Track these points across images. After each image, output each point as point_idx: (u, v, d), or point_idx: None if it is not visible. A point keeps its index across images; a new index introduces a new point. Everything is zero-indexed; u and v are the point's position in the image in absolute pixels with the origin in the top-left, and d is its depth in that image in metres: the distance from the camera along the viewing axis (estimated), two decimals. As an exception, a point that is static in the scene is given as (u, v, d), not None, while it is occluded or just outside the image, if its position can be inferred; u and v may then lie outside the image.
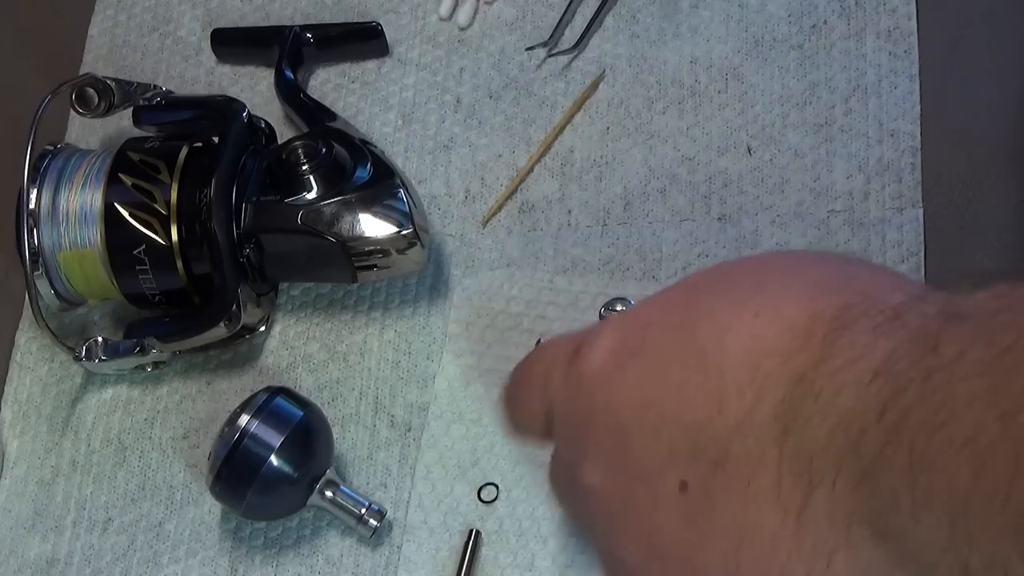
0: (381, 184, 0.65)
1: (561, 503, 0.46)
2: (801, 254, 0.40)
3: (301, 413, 0.61)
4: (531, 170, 0.72)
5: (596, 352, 0.41)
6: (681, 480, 0.36)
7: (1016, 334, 0.29)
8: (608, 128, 0.72)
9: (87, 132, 0.77)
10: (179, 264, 0.65)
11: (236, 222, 0.65)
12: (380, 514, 0.62)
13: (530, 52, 0.76)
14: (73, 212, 0.66)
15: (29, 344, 0.72)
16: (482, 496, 0.63)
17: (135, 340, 0.67)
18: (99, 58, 0.81)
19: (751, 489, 0.35)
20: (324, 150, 0.65)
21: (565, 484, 0.44)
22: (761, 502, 0.34)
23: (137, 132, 0.71)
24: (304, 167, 0.65)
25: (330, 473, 0.62)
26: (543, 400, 0.45)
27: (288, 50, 0.76)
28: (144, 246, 0.65)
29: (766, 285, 0.37)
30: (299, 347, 0.69)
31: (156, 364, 0.69)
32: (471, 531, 0.61)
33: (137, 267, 0.65)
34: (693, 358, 0.37)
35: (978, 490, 0.29)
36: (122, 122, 0.73)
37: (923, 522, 0.30)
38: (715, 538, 0.36)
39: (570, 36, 0.75)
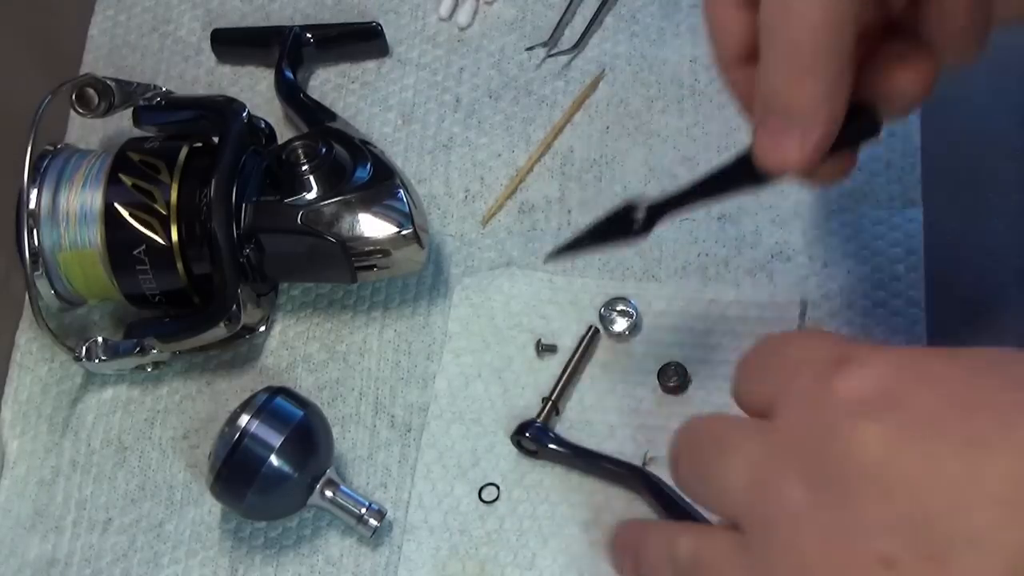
0: (381, 184, 0.65)
1: (699, 469, 0.44)
2: None
3: (301, 413, 0.61)
4: (531, 170, 0.72)
5: (863, 381, 0.39)
6: (888, 554, 0.36)
7: None
8: (608, 127, 0.72)
9: (87, 132, 0.77)
10: (179, 264, 0.65)
11: (236, 222, 0.65)
12: (380, 514, 0.62)
13: (530, 52, 0.76)
14: (73, 212, 0.66)
15: (29, 344, 0.72)
16: (483, 496, 0.63)
17: (135, 340, 0.67)
18: (99, 58, 0.81)
19: None
20: (324, 150, 0.65)
21: (738, 471, 0.42)
22: None
23: (137, 132, 0.71)
24: (304, 167, 0.65)
25: (330, 473, 0.62)
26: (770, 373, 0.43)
27: (288, 50, 0.76)
28: (144, 246, 0.65)
29: None
30: (299, 347, 0.69)
31: (156, 364, 0.69)
32: (590, 328, 0.65)
33: (137, 267, 0.65)
34: (962, 453, 0.37)
35: None
36: (122, 122, 0.73)
37: None
38: None
39: (570, 36, 0.75)
